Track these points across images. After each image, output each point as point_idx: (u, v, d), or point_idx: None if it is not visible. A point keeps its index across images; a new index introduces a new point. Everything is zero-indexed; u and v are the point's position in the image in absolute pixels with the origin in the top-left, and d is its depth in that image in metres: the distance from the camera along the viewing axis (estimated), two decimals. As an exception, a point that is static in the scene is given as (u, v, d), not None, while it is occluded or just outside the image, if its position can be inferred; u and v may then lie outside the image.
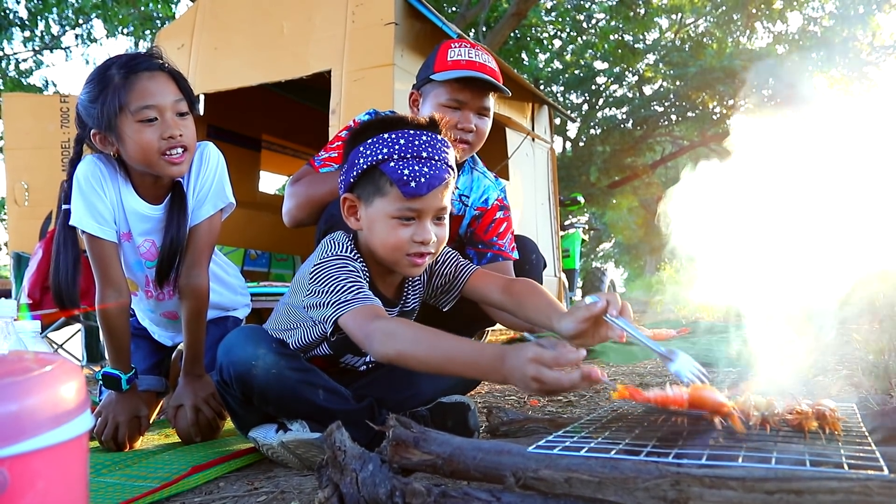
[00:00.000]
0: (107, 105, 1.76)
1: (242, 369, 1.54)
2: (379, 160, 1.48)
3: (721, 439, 1.10)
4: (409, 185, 1.45)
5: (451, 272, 1.74)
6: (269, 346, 1.55)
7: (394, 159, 1.47)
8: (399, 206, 1.48)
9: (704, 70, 15.10)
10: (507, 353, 1.23)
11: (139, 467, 1.66)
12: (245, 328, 1.66)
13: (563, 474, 1.00)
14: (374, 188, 1.50)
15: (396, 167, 1.46)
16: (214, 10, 4.42)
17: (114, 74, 1.77)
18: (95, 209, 1.87)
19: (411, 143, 1.48)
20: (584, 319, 1.38)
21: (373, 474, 1.09)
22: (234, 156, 5.88)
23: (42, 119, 5.35)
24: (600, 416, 1.44)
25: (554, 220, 5.77)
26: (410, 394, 1.75)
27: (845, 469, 0.91)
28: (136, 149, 1.80)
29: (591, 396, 2.49)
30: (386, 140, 1.49)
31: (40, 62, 16.05)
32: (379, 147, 1.49)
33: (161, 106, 1.79)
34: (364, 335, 1.40)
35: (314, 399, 1.56)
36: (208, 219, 1.99)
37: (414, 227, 1.50)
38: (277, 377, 1.52)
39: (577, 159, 18.11)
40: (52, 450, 0.74)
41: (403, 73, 3.71)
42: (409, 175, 1.45)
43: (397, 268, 1.58)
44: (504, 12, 13.41)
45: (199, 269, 1.98)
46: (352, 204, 1.57)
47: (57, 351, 4.04)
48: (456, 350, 1.32)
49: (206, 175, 1.98)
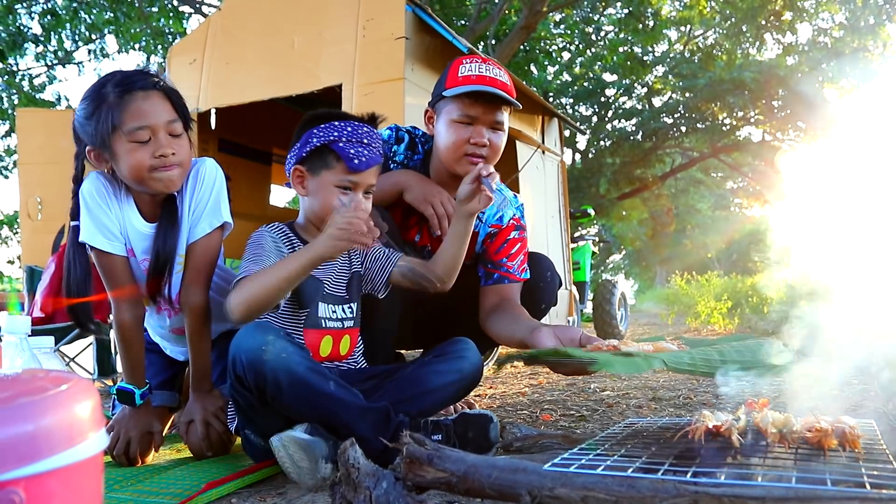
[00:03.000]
0: (101, 123, 1.76)
1: (254, 356, 1.58)
2: (331, 140, 1.82)
3: (739, 457, 1.08)
4: (353, 162, 1.81)
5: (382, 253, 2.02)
6: (278, 332, 1.64)
7: (342, 141, 1.82)
8: (341, 178, 1.83)
9: (714, 82, 15.08)
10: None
11: (151, 483, 1.66)
12: (252, 323, 1.70)
13: (579, 493, 0.99)
14: (323, 163, 1.84)
15: (345, 147, 1.81)
16: (226, 25, 4.45)
17: (109, 93, 1.77)
18: (103, 225, 1.87)
19: (356, 131, 1.83)
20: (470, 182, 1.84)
21: (386, 492, 1.08)
22: (244, 169, 5.91)
23: (55, 134, 5.38)
24: (615, 433, 1.43)
25: (564, 232, 5.75)
26: (421, 390, 1.79)
27: (867, 489, 0.89)
28: (127, 167, 1.80)
29: (604, 411, 2.47)
30: (336, 126, 1.84)
31: (53, 77, 16.20)
32: (330, 130, 1.83)
33: (154, 126, 1.79)
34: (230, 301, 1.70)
35: (325, 388, 1.61)
36: (205, 237, 1.96)
37: (350, 196, 1.84)
38: (287, 361, 1.59)
39: (586, 171, 18.11)
40: (68, 469, 0.73)
41: (414, 88, 3.72)
42: (354, 154, 1.81)
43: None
44: (513, 25, 13.45)
45: (196, 287, 1.96)
46: (300, 174, 1.89)
47: (69, 364, 4.05)
48: (282, 262, 1.70)
49: (201, 192, 1.96)
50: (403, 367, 1.92)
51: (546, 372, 3.66)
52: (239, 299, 1.67)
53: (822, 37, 15.82)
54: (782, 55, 16.16)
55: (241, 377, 1.63)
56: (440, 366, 1.84)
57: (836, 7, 14.84)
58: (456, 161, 2.17)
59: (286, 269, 1.66)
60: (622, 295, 6.70)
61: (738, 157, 19.54)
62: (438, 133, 2.20)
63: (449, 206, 2.15)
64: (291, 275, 1.66)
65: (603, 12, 16.88)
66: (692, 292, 10.98)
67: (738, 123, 17.32)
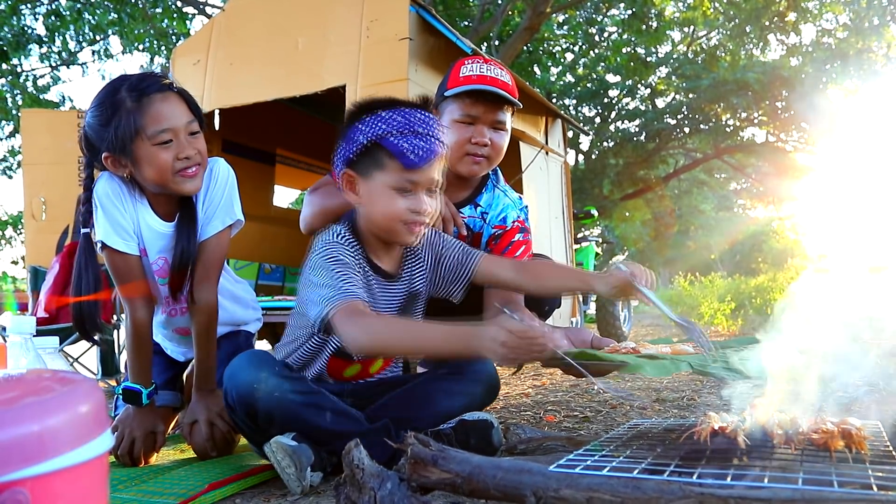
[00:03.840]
0: (121, 129, 1.75)
1: (245, 392, 1.56)
2: (379, 135, 1.57)
3: (745, 458, 1.08)
4: (408, 158, 1.56)
5: (459, 258, 1.83)
6: (272, 369, 1.58)
7: (392, 134, 1.57)
8: (398, 178, 1.58)
9: (717, 83, 15.06)
10: (479, 328, 1.34)
11: (155, 483, 1.66)
12: (249, 352, 1.67)
13: (584, 494, 0.98)
14: (374, 162, 1.60)
15: (396, 141, 1.56)
16: (230, 26, 4.45)
17: (125, 97, 1.76)
18: (119, 224, 1.88)
19: (408, 120, 1.58)
20: (615, 285, 1.60)
21: (391, 493, 1.08)
22: (248, 170, 5.91)
23: (59, 135, 5.40)
24: (620, 434, 1.43)
25: (568, 233, 5.75)
26: (427, 412, 1.74)
27: (874, 490, 0.89)
28: (152, 170, 1.80)
29: (608, 412, 2.46)
30: (384, 117, 1.59)
31: (57, 78, 16.26)
32: (378, 123, 1.58)
33: (176, 128, 1.79)
34: (343, 331, 1.48)
35: (319, 422, 1.57)
36: (216, 235, 1.98)
37: (411, 198, 1.60)
38: (280, 400, 1.54)
39: (589, 172, 18.09)
40: (73, 470, 0.73)
41: (418, 88, 3.71)
42: (409, 148, 1.56)
43: (395, 237, 1.67)
44: (517, 26, 13.43)
45: (207, 285, 1.98)
46: (350, 178, 1.65)
47: (72, 365, 4.06)
48: (428, 332, 1.45)
49: (215, 191, 1.98)
50: (415, 378, 1.87)
51: (549, 373, 3.65)
52: (367, 340, 1.47)
53: (826, 38, 15.78)
54: (786, 56, 16.13)
55: (232, 407, 1.62)
56: (453, 385, 1.77)
57: (840, 8, 14.82)
58: (458, 160, 2.17)
59: (432, 342, 1.44)
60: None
61: (742, 159, 19.51)
62: None
63: (446, 209, 2.13)
64: (435, 351, 1.51)
65: (606, 13, 16.87)
66: (695, 293, 10.97)
67: (741, 124, 17.29)
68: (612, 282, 1.59)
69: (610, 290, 1.59)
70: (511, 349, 1.29)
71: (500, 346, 1.29)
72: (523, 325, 1.29)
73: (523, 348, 1.29)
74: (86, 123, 1.84)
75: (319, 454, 1.55)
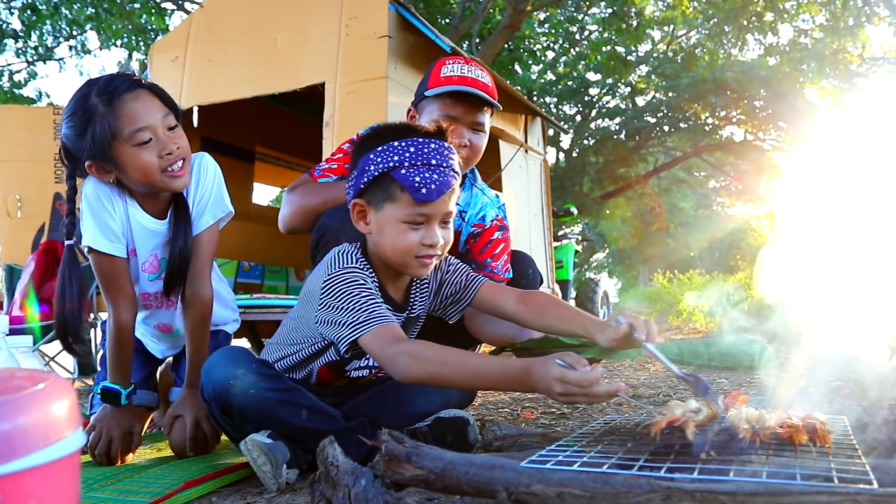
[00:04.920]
0: (97, 135, 1.72)
1: (221, 388, 1.56)
2: (390, 167, 1.52)
3: (713, 453, 1.10)
4: (420, 192, 1.50)
5: (462, 282, 1.79)
6: (249, 366, 1.57)
7: (405, 166, 1.51)
8: (410, 212, 1.53)
9: (696, 81, 15.21)
10: (533, 367, 1.29)
11: (131, 482, 1.65)
12: (226, 349, 1.67)
13: (555, 489, 1.00)
14: (385, 194, 1.55)
15: (408, 174, 1.51)
16: (208, 22, 4.43)
17: (96, 103, 1.73)
18: (107, 226, 1.86)
19: (421, 151, 1.53)
20: (614, 338, 1.49)
21: (365, 489, 1.09)
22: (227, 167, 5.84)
23: (35, 131, 5.35)
24: (593, 430, 1.45)
25: (547, 231, 5.78)
26: (404, 411, 1.75)
27: (835, 483, 0.91)
28: (137, 172, 1.79)
29: (584, 409, 2.49)
30: (396, 148, 1.53)
31: (34, 73, 16.03)
32: (390, 154, 1.53)
33: (153, 125, 1.77)
34: (387, 357, 1.44)
35: (294, 420, 1.57)
36: (208, 229, 1.98)
37: (423, 231, 1.55)
38: (256, 397, 1.54)
39: (570, 170, 18.19)
40: (44, 468, 0.74)
41: (397, 86, 3.72)
42: (420, 182, 1.50)
43: (406, 270, 1.62)
44: (497, 24, 13.47)
45: (202, 279, 1.98)
46: (361, 209, 1.60)
47: (48, 364, 4.02)
48: (483, 367, 1.38)
49: (204, 186, 1.98)
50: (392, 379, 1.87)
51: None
52: (419, 369, 1.41)
53: (803, 38, 15.99)
54: (764, 56, 16.33)
55: (207, 402, 1.63)
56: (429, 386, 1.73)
57: (816, 8, 15.00)
58: None
59: (489, 377, 1.38)
60: (605, 293, 6.75)
61: (721, 157, 19.71)
62: None
63: None
64: (490, 385, 1.48)
65: (587, 12, 16.97)
66: (674, 290, 11.06)
67: (720, 123, 17.48)
68: (611, 335, 1.51)
69: (610, 343, 1.52)
70: (568, 397, 1.26)
71: (558, 396, 1.26)
72: (577, 375, 1.24)
73: (579, 395, 1.25)
74: (62, 135, 1.81)
75: (295, 451, 1.56)
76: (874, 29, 15.41)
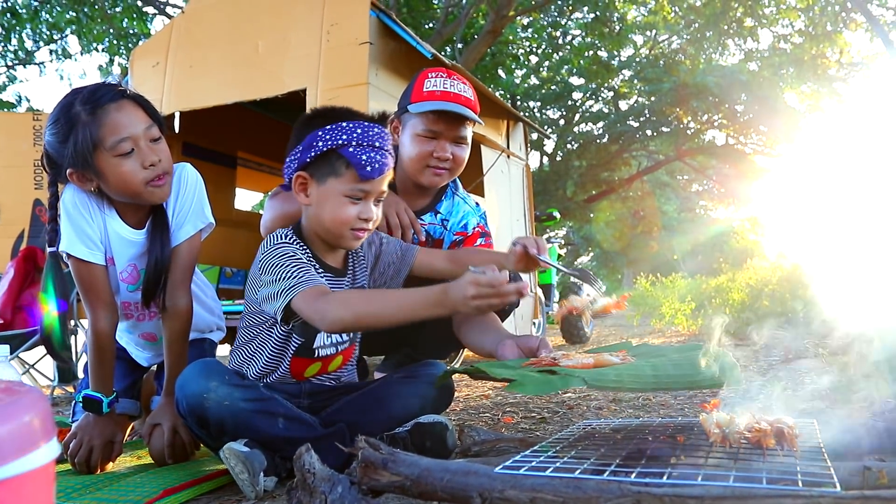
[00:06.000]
0: (79, 144, 1.73)
1: (195, 402, 1.58)
2: (339, 144, 1.66)
3: (684, 457, 1.12)
4: (365, 169, 1.65)
5: (398, 252, 1.96)
6: (222, 378, 1.60)
7: (352, 145, 1.65)
8: (352, 187, 1.67)
9: (678, 86, 15.35)
10: (448, 286, 1.46)
11: (110, 490, 1.65)
12: (199, 362, 1.68)
13: (528, 494, 1.02)
14: (330, 169, 1.68)
15: (355, 152, 1.65)
16: (190, 28, 4.42)
17: (79, 111, 1.74)
18: (85, 234, 1.86)
19: (367, 133, 1.67)
20: (515, 260, 1.80)
21: (342, 496, 1.10)
22: (209, 173, 5.83)
23: (14, 137, 5.29)
24: (569, 435, 1.46)
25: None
26: (382, 415, 1.77)
27: (800, 486, 0.93)
28: (117, 182, 1.79)
29: (565, 413, 2.51)
30: (345, 128, 1.67)
31: (14, 77, 15.91)
32: (339, 133, 1.66)
33: (135, 136, 1.77)
34: (315, 311, 1.55)
35: (271, 430, 1.59)
36: (188, 239, 1.98)
37: (361, 206, 1.70)
38: (230, 409, 1.57)
39: (553, 174, 18.27)
40: (17, 479, 0.74)
41: (378, 92, 3.73)
42: (367, 160, 1.65)
43: (340, 241, 1.76)
44: (480, 29, 13.52)
45: (181, 291, 1.97)
46: (303, 182, 1.73)
47: (28, 371, 3.99)
48: (405, 298, 1.53)
49: (185, 196, 1.98)
50: (371, 383, 1.91)
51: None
52: (348, 313, 1.52)
53: (783, 43, 16.18)
54: (744, 61, 16.51)
55: (184, 416, 1.65)
56: (407, 388, 1.81)
57: (795, 14, 15.19)
58: (420, 172, 2.24)
59: (411, 306, 1.50)
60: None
61: (703, 161, 19.87)
62: (403, 144, 2.26)
63: (405, 216, 2.17)
64: (414, 314, 1.51)
65: (570, 17, 17.07)
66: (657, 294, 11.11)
67: (702, 127, 17.63)
68: (513, 259, 1.79)
69: (514, 265, 1.78)
70: (482, 299, 1.41)
71: (472, 299, 1.41)
72: (488, 276, 1.40)
73: (492, 295, 1.41)
74: (45, 141, 1.81)
75: (273, 459, 1.57)
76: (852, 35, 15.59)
